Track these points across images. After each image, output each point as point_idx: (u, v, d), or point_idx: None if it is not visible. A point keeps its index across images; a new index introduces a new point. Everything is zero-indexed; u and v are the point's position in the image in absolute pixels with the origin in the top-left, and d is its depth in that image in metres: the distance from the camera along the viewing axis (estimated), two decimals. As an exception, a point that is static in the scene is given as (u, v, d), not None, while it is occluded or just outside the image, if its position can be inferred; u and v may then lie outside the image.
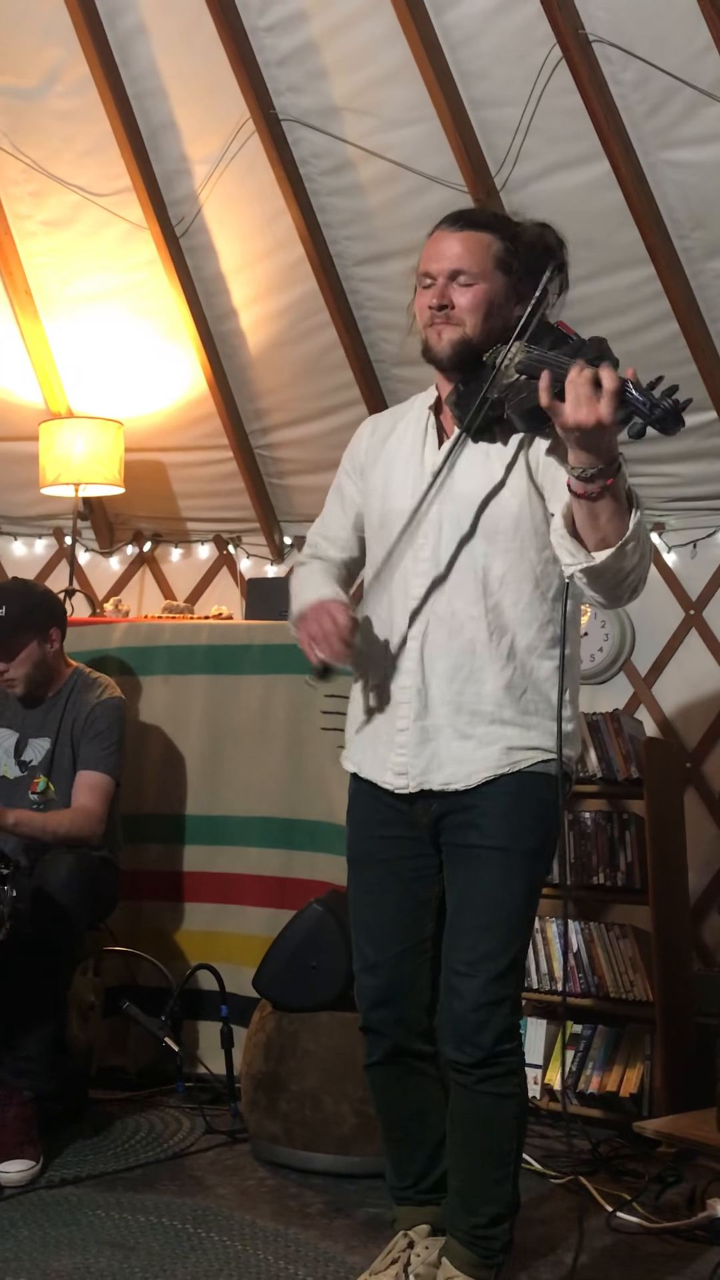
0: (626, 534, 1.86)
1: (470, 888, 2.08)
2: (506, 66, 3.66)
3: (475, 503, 2.09)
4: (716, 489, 4.09)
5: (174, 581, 5.01)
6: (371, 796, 2.19)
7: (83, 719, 3.33)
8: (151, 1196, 2.75)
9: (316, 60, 3.93)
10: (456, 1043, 2.05)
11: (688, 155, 3.54)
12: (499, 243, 2.11)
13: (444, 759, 2.09)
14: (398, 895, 2.18)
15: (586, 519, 1.87)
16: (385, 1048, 2.20)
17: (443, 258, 2.10)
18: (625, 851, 3.58)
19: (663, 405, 1.76)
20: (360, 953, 2.22)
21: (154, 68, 4.14)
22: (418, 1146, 2.22)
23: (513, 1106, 2.07)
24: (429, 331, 2.12)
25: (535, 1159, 3.07)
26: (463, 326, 2.09)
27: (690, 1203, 2.78)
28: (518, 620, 2.08)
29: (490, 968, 2.03)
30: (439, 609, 2.10)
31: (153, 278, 4.48)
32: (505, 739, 2.07)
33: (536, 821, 2.08)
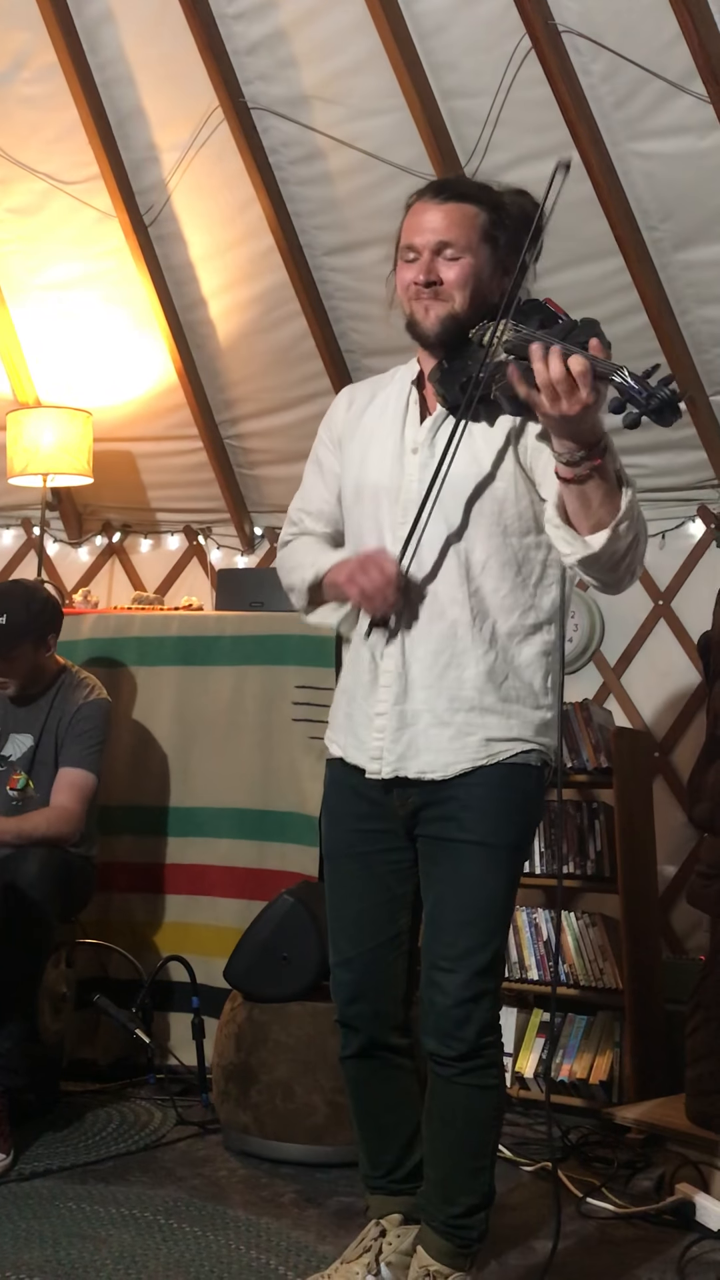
0: (619, 514, 1.82)
1: (451, 883, 2.05)
2: (476, 57, 3.66)
3: (458, 483, 2.03)
4: (685, 480, 4.11)
5: (144, 572, 5.00)
6: (349, 788, 2.16)
7: (69, 718, 3.32)
8: (123, 1188, 2.75)
9: (286, 49, 3.91)
10: (439, 1037, 2.04)
11: (657, 146, 3.56)
12: (484, 214, 2.05)
13: (421, 746, 2.05)
14: (373, 889, 2.15)
15: (578, 504, 1.83)
16: (361, 1041, 2.19)
17: (428, 230, 2.03)
18: (595, 840, 3.60)
19: (659, 395, 1.69)
20: (336, 947, 2.20)
21: (122, 54, 4.11)
22: (392, 1137, 2.22)
23: (492, 1098, 2.07)
24: (415, 306, 2.06)
25: (507, 1147, 3.09)
26: (451, 303, 2.03)
27: (660, 1188, 2.80)
28: (499, 606, 2.05)
29: (472, 963, 2.02)
30: (421, 592, 2.06)
31: (121, 266, 4.45)
32: (485, 729, 2.03)
33: (518, 814, 2.06)
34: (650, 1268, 2.44)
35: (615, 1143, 3.12)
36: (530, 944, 3.64)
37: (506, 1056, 3.58)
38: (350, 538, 2.19)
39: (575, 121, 3.55)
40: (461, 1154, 2.08)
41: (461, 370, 2.00)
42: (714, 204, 3.57)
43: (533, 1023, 3.62)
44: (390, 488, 2.10)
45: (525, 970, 3.62)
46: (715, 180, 3.51)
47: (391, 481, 2.10)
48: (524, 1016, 3.65)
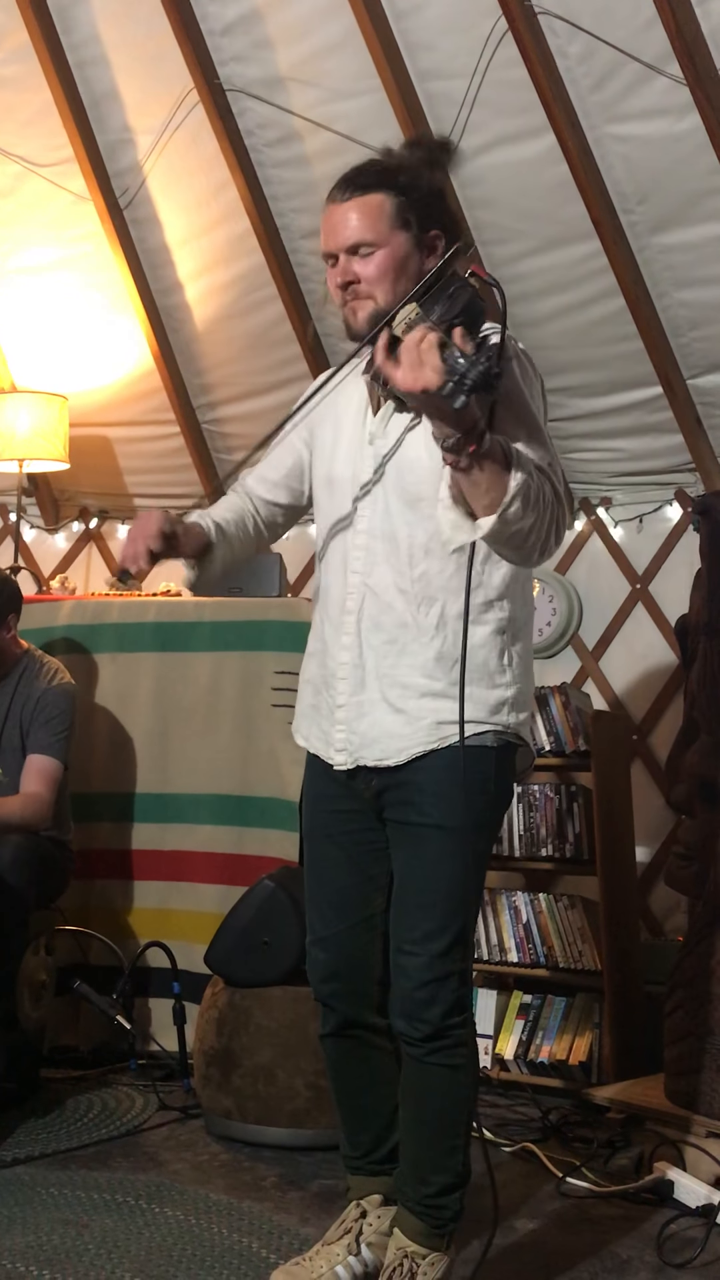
0: (506, 497, 1.76)
1: (409, 866, 2.08)
2: (453, 38, 3.64)
3: (401, 470, 2.06)
4: (662, 464, 4.12)
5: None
6: (323, 771, 2.18)
7: (33, 703, 3.31)
8: (105, 1174, 2.75)
9: (260, 29, 3.88)
10: (405, 1018, 2.06)
11: (633, 129, 3.55)
12: (391, 200, 2.01)
13: (376, 734, 2.07)
14: (348, 870, 2.18)
15: (469, 488, 1.79)
16: (337, 1020, 2.21)
17: (338, 232, 2.02)
18: (574, 823, 3.62)
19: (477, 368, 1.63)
20: (311, 927, 2.23)
21: (95, 35, 4.07)
22: (371, 1117, 2.23)
23: (463, 1077, 2.08)
24: (345, 311, 2.06)
25: (486, 1128, 3.10)
26: (372, 299, 2.01)
27: (638, 1167, 2.83)
28: (444, 587, 2.04)
29: (433, 946, 2.03)
30: (373, 581, 2.08)
31: (97, 250, 4.42)
32: (435, 713, 2.04)
33: (473, 796, 2.03)
34: (629, 1245, 2.46)
35: (594, 1122, 3.15)
36: (510, 926, 3.65)
37: (486, 1038, 3.60)
38: (320, 524, 2.22)
39: (552, 103, 3.54)
40: (433, 1133, 2.09)
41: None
42: (690, 187, 3.57)
43: (512, 1004, 3.64)
44: (353, 478, 2.12)
45: (505, 953, 3.64)
46: (692, 163, 3.51)
47: (355, 472, 2.12)
48: (504, 998, 3.67)
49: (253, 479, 2.31)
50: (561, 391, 4.10)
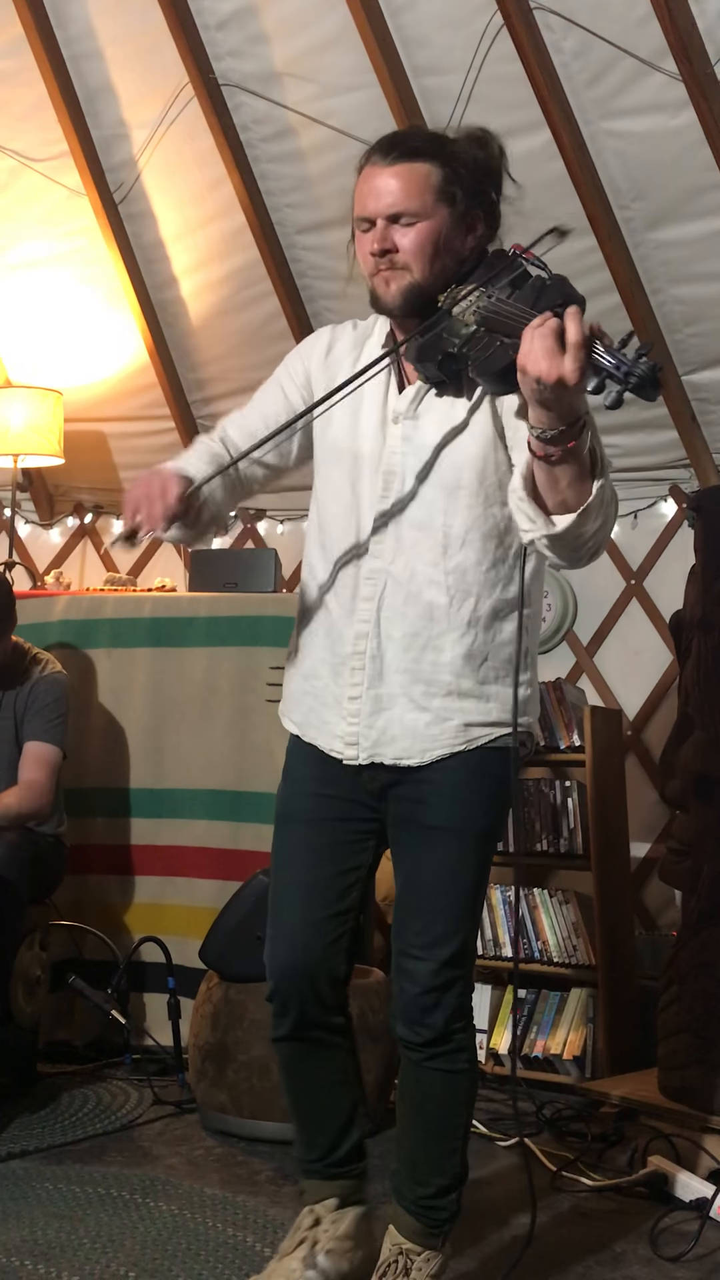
0: (589, 500, 1.72)
1: (422, 869, 2.00)
2: (448, 33, 3.64)
3: (438, 455, 1.96)
4: (656, 459, 4.13)
5: (116, 554, 4.97)
6: (312, 754, 2.07)
7: (26, 693, 3.31)
8: (100, 1168, 2.75)
9: (256, 24, 3.88)
10: (407, 1023, 2.00)
11: (628, 125, 3.55)
12: (438, 171, 1.92)
13: (397, 732, 1.98)
14: (325, 859, 2.06)
15: (547, 481, 1.73)
16: (294, 1021, 2.07)
17: (380, 197, 1.91)
18: (568, 818, 3.62)
19: (639, 370, 1.57)
20: (278, 916, 2.09)
21: (90, 29, 4.07)
22: (327, 1120, 2.13)
23: (463, 1081, 2.04)
24: (376, 281, 1.95)
25: (481, 1122, 3.11)
26: (409, 272, 1.91)
27: (632, 1161, 2.83)
28: (480, 581, 1.96)
29: (442, 952, 1.97)
30: (397, 569, 1.98)
31: (91, 245, 4.41)
32: (463, 713, 1.97)
33: (491, 800, 2.01)
34: (623, 1239, 2.47)
35: (589, 1117, 3.15)
36: (504, 922, 3.66)
37: (481, 1033, 3.61)
38: (323, 498, 2.09)
39: (547, 99, 3.54)
40: (432, 1136, 2.05)
41: (435, 345, 1.89)
42: (685, 183, 3.57)
43: (507, 999, 3.65)
44: (371, 456, 2.01)
45: (500, 948, 3.65)
46: (687, 159, 3.51)
47: (373, 450, 2.01)
48: (498, 994, 3.67)
49: (236, 431, 2.13)
50: (556, 387, 4.10)
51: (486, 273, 1.87)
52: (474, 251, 1.94)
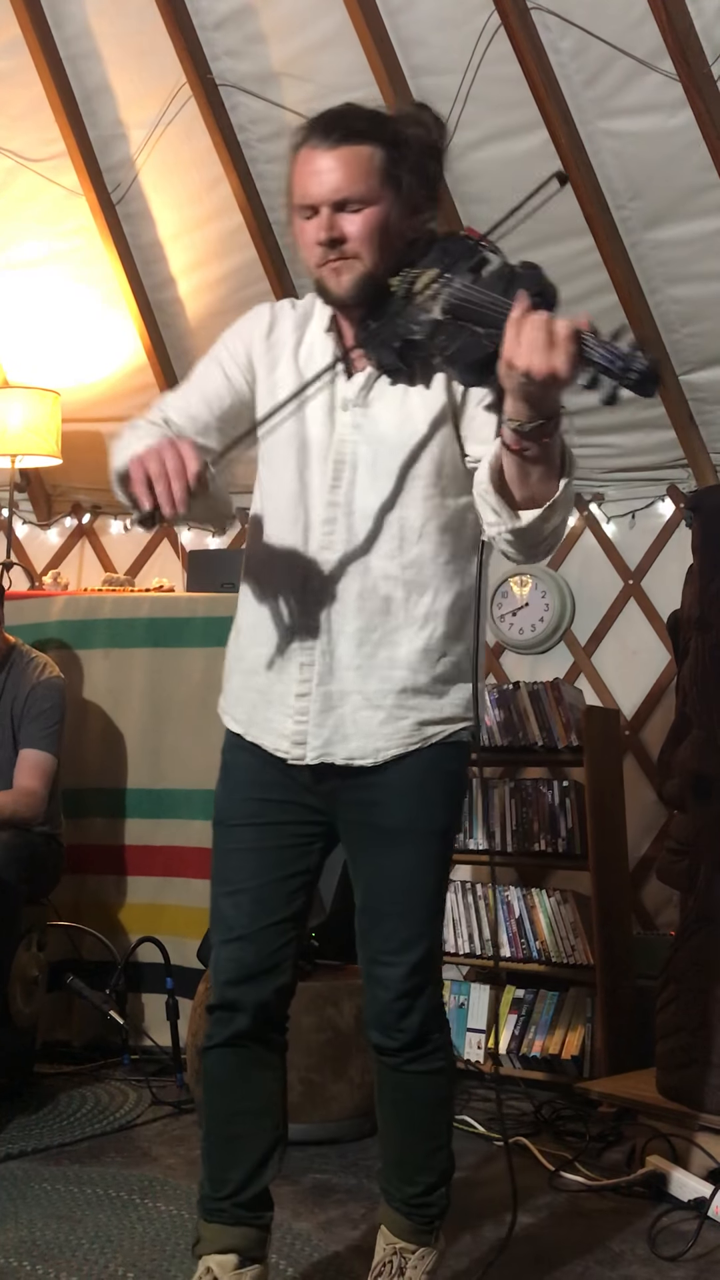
0: (554, 496, 1.67)
1: (382, 872, 1.94)
2: (445, 33, 3.64)
3: (393, 445, 1.88)
4: (654, 460, 4.13)
5: (114, 554, 4.97)
6: (254, 756, 1.97)
7: (23, 698, 3.30)
8: (98, 1169, 2.75)
9: (254, 24, 3.88)
10: (381, 1030, 1.96)
11: (625, 125, 3.55)
12: (382, 153, 1.82)
13: (349, 731, 1.89)
14: (269, 863, 1.96)
15: (516, 475, 1.68)
16: (234, 1029, 1.96)
17: (323, 182, 1.80)
18: (566, 818, 3.62)
19: (636, 364, 1.50)
20: (224, 923, 1.99)
21: (87, 29, 4.06)
22: (246, 1150, 1.97)
23: (441, 1080, 2.01)
24: (324, 271, 1.84)
25: (478, 1121, 3.12)
26: (361, 261, 1.82)
27: (630, 1161, 2.83)
28: (438, 575, 1.90)
29: (411, 955, 1.92)
30: (350, 563, 1.89)
31: (89, 245, 4.41)
32: (418, 711, 1.90)
33: (449, 797, 1.95)
34: (622, 1239, 2.47)
35: (587, 1117, 3.15)
36: (503, 922, 3.66)
37: (478, 1033, 3.61)
38: (269, 485, 1.98)
39: (545, 99, 3.54)
40: (415, 1137, 2.02)
41: (391, 332, 1.80)
42: (683, 182, 3.57)
43: (505, 999, 3.65)
44: (320, 443, 1.92)
45: (498, 948, 3.64)
46: (684, 159, 3.52)
47: (321, 436, 1.92)
48: (496, 993, 3.67)
49: (178, 414, 1.97)
50: (554, 387, 4.10)
51: (443, 257, 1.78)
52: (420, 234, 1.85)
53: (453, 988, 3.73)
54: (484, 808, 3.75)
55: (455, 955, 3.72)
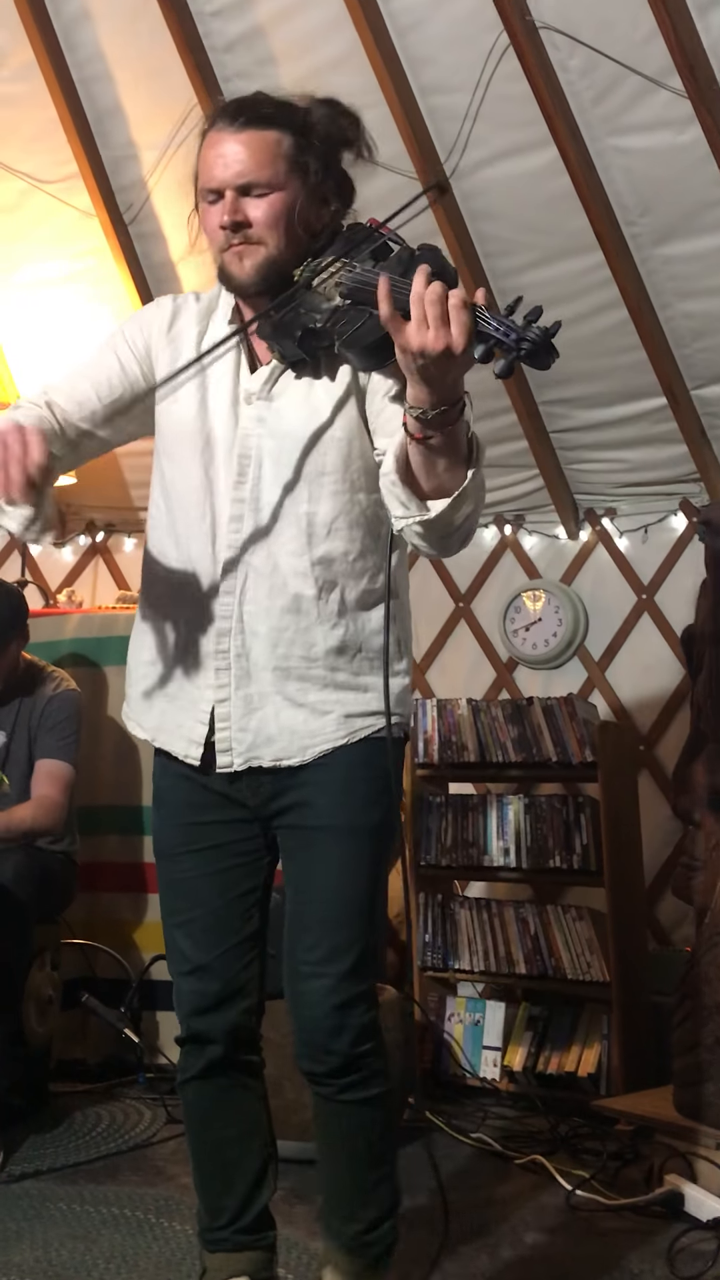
0: (463, 485, 1.63)
1: (309, 876, 1.85)
2: (454, 52, 3.66)
3: (299, 439, 1.83)
4: (667, 474, 4.13)
5: (128, 571, 4.99)
6: (180, 776, 1.91)
7: (39, 711, 3.32)
8: (113, 1188, 2.74)
9: (264, 46, 3.90)
10: (309, 1052, 1.83)
11: (635, 141, 3.56)
12: (289, 139, 1.80)
13: (273, 731, 1.83)
14: (219, 887, 1.91)
15: (422, 464, 1.63)
16: (208, 1059, 1.92)
17: (228, 166, 1.78)
18: (581, 834, 3.61)
19: (530, 335, 1.45)
20: (180, 955, 1.93)
21: (100, 52, 4.10)
22: (237, 1177, 1.93)
23: (378, 1109, 1.87)
24: (227, 256, 1.83)
25: (495, 1139, 3.10)
26: (265, 246, 1.80)
27: (648, 1179, 2.81)
28: (348, 572, 1.84)
29: (339, 966, 1.80)
30: (258, 561, 1.83)
31: (101, 265, 4.44)
32: (342, 705, 1.84)
33: (380, 794, 1.85)
34: (639, 1259, 2.45)
35: (603, 1135, 3.13)
36: (517, 938, 3.65)
37: (494, 1051, 3.59)
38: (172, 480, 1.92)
39: (554, 117, 3.55)
40: (355, 1171, 1.89)
41: (294, 322, 1.76)
42: (693, 198, 3.58)
43: (520, 1017, 3.64)
44: (224, 438, 1.86)
45: (513, 964, 3.63)
46: (693, 174, 3.52)
47: (225, 431, 1.86)
48: (511, 1010, 3.66)
49: (65, 399, 1.93)
50: (565, 403, 4.11)
51: (345, 245, 1.76)
52: (328, 226, 1.82)
53: (468, 1005, 3.72)
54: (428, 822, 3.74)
55: (470, 973, 3.71)
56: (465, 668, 4.48)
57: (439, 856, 3.79)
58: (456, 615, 4.51)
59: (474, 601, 4.50)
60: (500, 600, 4.39)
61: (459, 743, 3.80)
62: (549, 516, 4.39)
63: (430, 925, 3.76)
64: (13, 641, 3.30)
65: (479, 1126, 3.25)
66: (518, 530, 4.45)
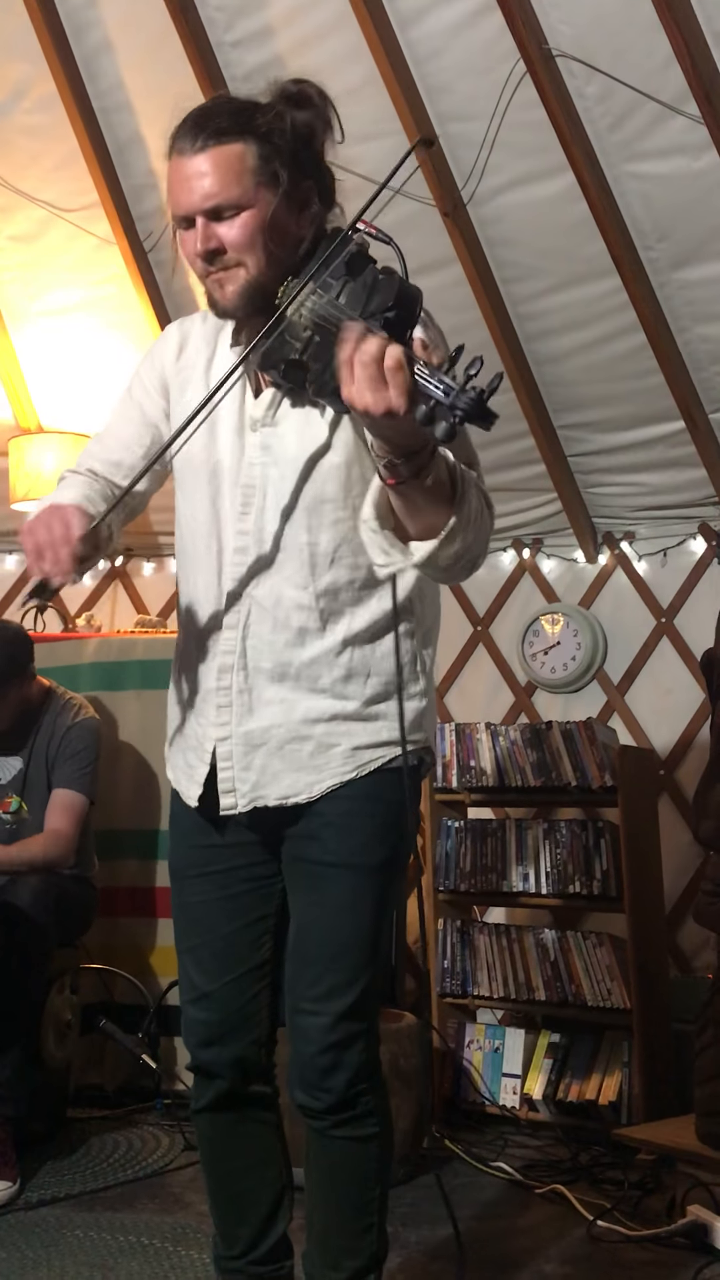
0: (447, 527, 1.55)
1: (312, 911, 1.79)
2: (471, 81, 3.68)
3: (299, 467, 1.77)
4: (685, 497, 4.12)
5: (146, 596, 5.00)
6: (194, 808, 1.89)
7: (58, 739, 3.32)
8: (131, 1215, 2.73)
9: (283, 75, 3.91)
10: (305, 1088, 1.79)
11: (651, 167, 3.58)
12: (254, 149, 1.70)
13: (278, 769, 1.78)
14: (230, 912, 1.86)
15: (404, 508, 1.57)
16: (217, 1091, 1.89)
17: (193, 191, 1.69)
18: (601, 859, 3.59)
19: (463, 403, 1.36)
20: (188, 982, 1.90)
21: (120, 82, 4.14)
22: (251, 1207, 1.91)
23: (373, 1149, 1.82)
24: (209, 284, 1.76)
25: (515, 1169, 3.07)
26: (244, 268, 1.72)
27: (670, 1210, 2.78)
28: (353, 600, 1.78)
29: (338, 1004, 1.76)
30: (261, 594, 1.78)
31: (121, 292, 4.48)
32: (350, 737, 1.78)
33: (388, 829, 1.79)
34: (662, 1291, 2.42)
35: (625, 1164, 3.10)
36: (537, 965, 3.62)
37: (514, 1078, 3.56)
38: (184, 515, 1.89)
39: (570, 144, 3.58)
40: (344, 1213, 1.83)
41: (279, 349, 1.68)
42: (710, 223, 3.59)
43: (540, 1044, 3.61)
44: (231, 469, 1.82)
45: (532, 991, 3.61)
46: (710, 199, 3.53)
47: (232, 461, 1.82)
48: (531, 1038, 3.63)
49: (102, 465, 1.94)
50: (584, 426, 4.12)
51: (319, 265, 1.65)
52: (312, 229, 1.75)
53: (487, 1031, 3.69)
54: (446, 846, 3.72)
55: (489, 999, 3.68)
56: (484, 691, 4.47)
57: (458, 882, 3.77)
58: (475, 639, 4.51)
59: (492, 625, 4.49)
60: (519, 624, 4.39)
61: (478, 767, 3.79)
62: (567, 540, 4.39)
63: (449, 951, 3.74)
64: (12, 688, 3.29)
65: (499, 1155, 3.22)
66: (536, 554, 4.45)
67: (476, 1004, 3.77)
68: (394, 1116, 2.02)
